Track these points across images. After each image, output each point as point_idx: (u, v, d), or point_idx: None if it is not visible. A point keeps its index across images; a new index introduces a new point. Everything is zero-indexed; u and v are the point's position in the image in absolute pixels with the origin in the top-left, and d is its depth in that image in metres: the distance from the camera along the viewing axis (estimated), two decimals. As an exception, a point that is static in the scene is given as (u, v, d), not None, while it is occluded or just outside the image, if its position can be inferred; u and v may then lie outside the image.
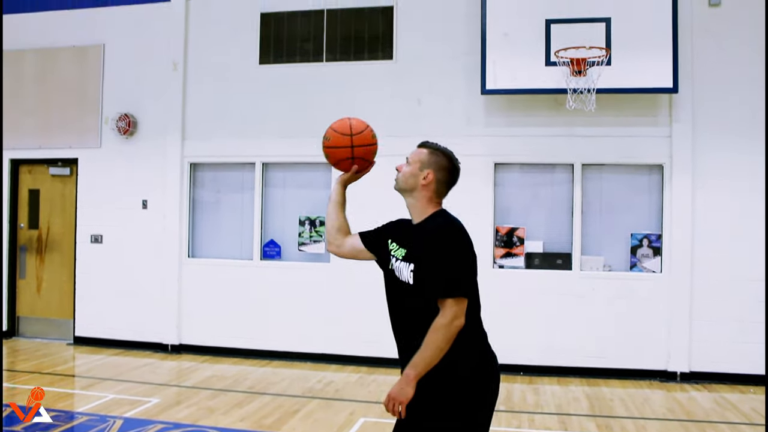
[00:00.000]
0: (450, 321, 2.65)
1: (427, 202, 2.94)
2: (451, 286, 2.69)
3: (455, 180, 3.00)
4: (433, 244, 2.76)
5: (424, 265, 2.77)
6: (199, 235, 8.66)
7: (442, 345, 2.65)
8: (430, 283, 2.73)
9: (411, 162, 2.99)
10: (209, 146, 8.51)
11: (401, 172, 3.00)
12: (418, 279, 2.80)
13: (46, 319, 9.32)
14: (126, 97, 8.82)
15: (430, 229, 2.85)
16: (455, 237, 2.79)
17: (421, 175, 2.93)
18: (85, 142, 9.00)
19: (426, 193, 2.93)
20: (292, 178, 8.38)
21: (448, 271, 2.70)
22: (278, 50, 8.37)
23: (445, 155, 2.97)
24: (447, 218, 2.89)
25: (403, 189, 3.00)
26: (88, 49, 9.05)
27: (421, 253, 2.81)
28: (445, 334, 2.65)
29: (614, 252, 7.60)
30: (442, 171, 2.94)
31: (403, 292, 2.91)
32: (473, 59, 7.69)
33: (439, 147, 2.99)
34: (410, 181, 2.96)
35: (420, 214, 2.95)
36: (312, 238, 8.21)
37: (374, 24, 8.12)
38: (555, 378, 7.45)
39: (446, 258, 2.72)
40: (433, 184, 2.92)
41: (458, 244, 2.78)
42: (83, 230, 8.99)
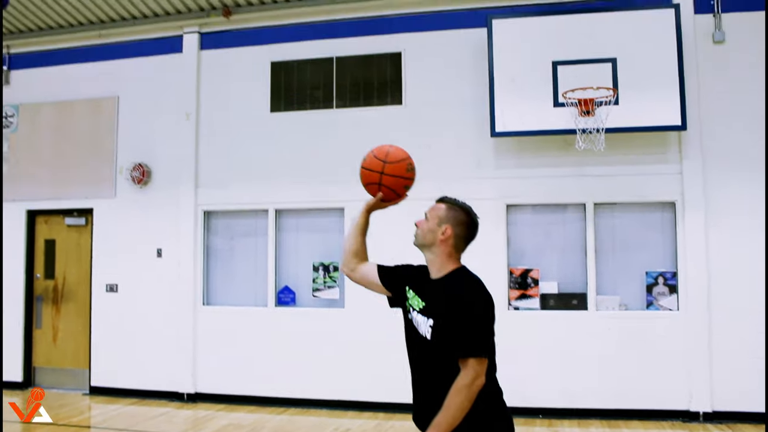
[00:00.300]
0: (471, 381, 2.67)
1: (446, 257, 2.96)
2: (474, 346, 2.70)
3: (474, 235, 3.02)
4: (456, 304, 2.78)
5: (446, 324, 2.78)
6: (214, 282, 8.69)
7: (465, 405, 2.66)
8: (452, 342, 2.74)
9: (429, 218, 3.01)
10: (222, 194, 8.59)
11: (420, 228, 3.03)
12: (437, 335, 2.82)
13: (63, 369, 9.32)
14: (140, 146, 8.95)
15: (452, 287, 2.86)
16: (478, 297, 2.81)
17: (439, 231, 2.95)
18: (100, 192, 9.11)
19: (445, 248, 2.95)
20: (305, 224, 8.42)
21: (471, 332, 2.71)
22: (289, 98, 8.49)
23: (464, 210, 3.00)
24: (469, 277, 2.91)
25: (422, 245, 3.02)
26: (103, 101, 9.22)
27: (443, 310, 2.82)
28: (467, 394, 2.66)
29: (630, 291, 7.56)
30: (461, 226, 2.96)
31: (421, 345, 2.93)
32: (481, 102, 7.77)
33: (457, 202, 3.02)
34: (429, 236, 2.98)
35: (439, 269, 2.97)
36: (326, 284, 8.22)
37: (383, 70, 8.24)
38: (575, 420, 7.36)
39: (469, 318, 2.73)
40: (451, 239, 2.94)
41: (481, 305, 2.79)
42: (99, 279, 9.05)
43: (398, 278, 3.16)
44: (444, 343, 2.77)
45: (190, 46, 8.84)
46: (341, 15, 8.37)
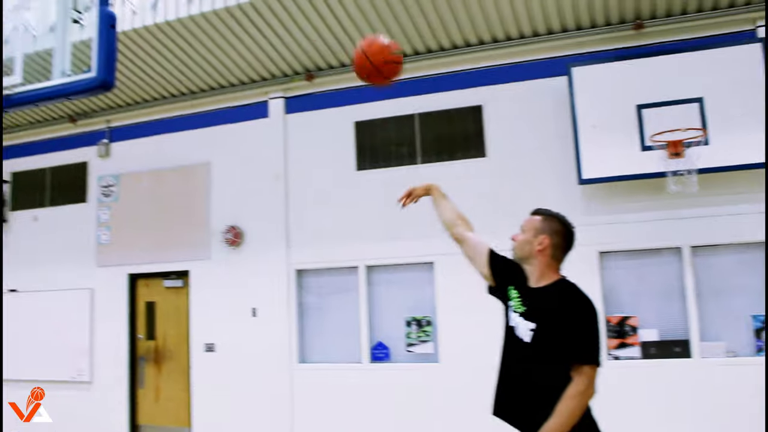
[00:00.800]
0: (586, 389, 2.72)
1: (545, 267, 3.03)
2: (590, 354, 2.78)
3: (571, 244, 3.06)
4: (570, 312, 2.85)
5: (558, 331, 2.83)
6: (308, 339, 8.84)
7: (577, 413, 2.70)
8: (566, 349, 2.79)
9: (525, 230, 3.08)
10: (313, 252, 8.79)
11: (516, 241, 3.10)
12: (540, 340, 2.88)
13: (165, 428, 9.61)
14: (232, 209, 9.30)
15: (562, 297, 2.93)
16: (590, 306, 2.90)
17: (536, 242, 3.03)
18: (195, 255, 9.48)
19: (543, 258, 3.03)
20: (396, 279, 8.49)
21: (588, 340, 2.80)
22: (374, 156, 8.68)
23: (559, 220, 3.08)
24: (577, 287, 2.99)
25: (520, 257, 3.11)
26: (196, 168, 9.65)
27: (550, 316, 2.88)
28: (580, 401, 2.71)
29: (736, 336, 7.25)
30: (557, 235, 3.03)
31: (518, 348, 2.99)
32: (566, 150, 7.75)
33: (551, 212, 3.12)
34: (526, 248, 3.06)
35: (539, 278, 3.04)
36: (420, 338, 8.23)
37: (464, 124, 8.34)
38: (684, 473, 7.05)
39: (585, 327, 2.82)
40: (549, 249, 3.01)
41: (594, 315, 2.89)
42: (197, 339, 9.36)
43: (505, 274, 3.23)
44: (553, 349, 2.82)
45: (276, 110, 9.20)
46: (421, 72, 8.55)
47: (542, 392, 2.80)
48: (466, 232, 3.45)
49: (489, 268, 3.29)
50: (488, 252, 3.33)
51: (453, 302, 8.02)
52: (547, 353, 2.84)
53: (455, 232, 3.48)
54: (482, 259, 3.33)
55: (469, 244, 3.41)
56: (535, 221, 3.10)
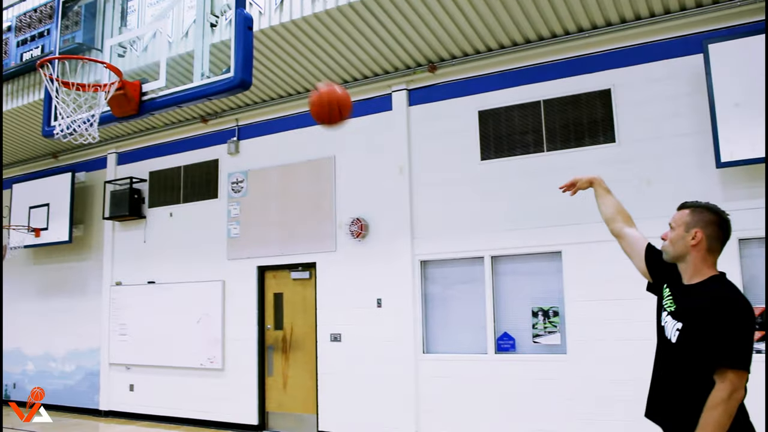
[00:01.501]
0: (729, 394, 2.54)
1: (701, 262, 2.86)
2: (735, 357, 2.59)
3: (728, 233, 2.91)
4: (717, 311, 2.67)
5: (704, 332, 2.68)
6: (433, 329, 8.85)
7: (724, 421, 2.55)
8: (710, 352, 2.63)
9: (675, 226, 2.95)
10: (437, 243, 8.80)
11: (667, 240, 2.96)
12: (685, 340, 2.74)
13: (293, 414, 9.91)
14: (357, 202, 9.46)
15: (712, 295, 2.75)
16: (741, 307, 2.69)
17: (689, 237, 2.88)
18: (322, 247, 9.72)
19: (698, 253, 2.86)
20: (522, 269, 8.35)
21: (733, 342, 2.60)
22: (498, 145, 8.59)
23: (710, 210, 2.93)
24: (730, 285, 2.81)
25: (675, 256, 2.95)
26: (321, 162, 9.90)
27: (698, 316, 2.72)
28: (725, 409, 2.54)
29: None
30: (711, 226, 2.87)
31: (666, 348, 2.86)
32: (702, 133, 7.37)
33: (700, 204, 2.97)
34: (679, 245, 2.91)
35: (693, 275, 2.88)
36: (546, 329, 8.06)
37: (592, 109, 8.09)
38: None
39: (731, 328, 2.62)
40: (704, 242, 2.85)
41: (743, 315, 2.67)
42: (323, 329, 9.58)
43: (662, 271, 3.09)
44: (698, 351, 2.67)
45: (399, 102, 9.28)
46: (546, 58, 8.38)
47: (688, 398, 2.67)
48: (625, 228, 3.37)
49: (646, 265, 3.18)
50: (646, 248, 3.23)
51: (581, 292, 7.80)
52: (692, 355, 2.70)
53: (614, 228, 3.41)
54: (640, 255, 3.24)
55: (627, 240, 3.32)
56: (684, 215, 2.95)
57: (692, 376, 2.65)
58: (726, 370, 2.57)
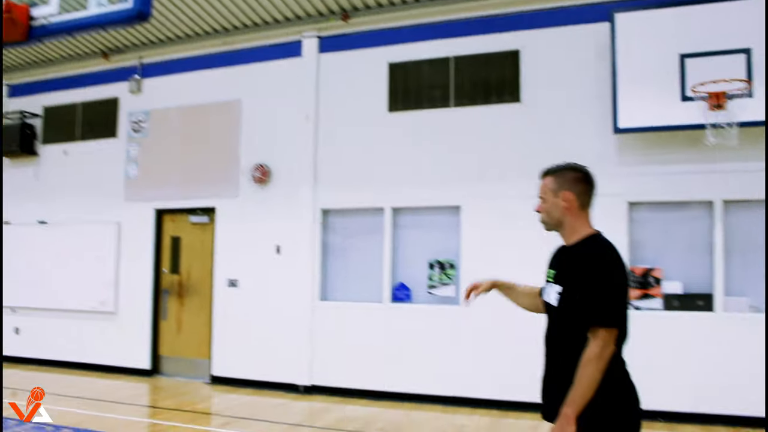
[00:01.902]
0: (600, 351, 2.58)
1: (576, 221, 2.88)
2: (605, 315, 2.62)
3: (592, 185, 2.93)
4: (585, 270, 2.70)
5: (576, 291, 2.71)
6: (331, 278, 8.88)
7: (596, 377, 2.58)
8: (581, 310, 2.66)
9: (544, 196, 2.93)
10: (340, 193, 8.78)
11: (542, 211, 2.96)
12: (564, 302, 2.76)
13: (186, 359, 9.76)
14: (261, 148, 9.29)
15: (583, 253, 2.78)
16: (610, 264, 2.71)
17: (559, 200, 2.88)
18: (223, 192, 9.52)
19: (572, 213, 2.88)
20: (422, 222, 8.47)
21: (602, 300, 2.63)
22: (407, 98, 8.60)
23: (571, 168, 2.93)
24: (602, 243, 2.81)
25: (554, 225, 2.95)
26: (227, 105, 9.64)
27: (572, 276, 2.76)
28: (597, 365, 2.58)
29: (761, 292, 7.13)
30: (577, 184, 2.88)
31: (549, 313, 2.88)
32: (603, 99, 7.61)
33: (560, 166, 2.95)
34: (554, 213, 2.92)
35: (571, 235, 2.89)
36: (442, 281, 8.22)
37: (501, 69, 8.20)
38: (698, 426, 7.01)
39: (601, 286, 2.65)
40: (575, 201, 2.87)
41: (612, 272, 2.69)
42: (220, 275, 9.44)
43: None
44: (573, 311, 2.70)
45: (310, 50, 9.12)
46: (458, 14, 8.41)
47: (568, 358, 2.69)
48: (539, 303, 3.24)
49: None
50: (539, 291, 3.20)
51: (477, 247, 7.98)
52: (571, 315, 2.72)
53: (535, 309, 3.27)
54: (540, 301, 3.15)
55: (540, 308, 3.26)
56: (549, 182, 2.92)
57: (572, 336, 2.68)
58: (597, 328, 2.60)
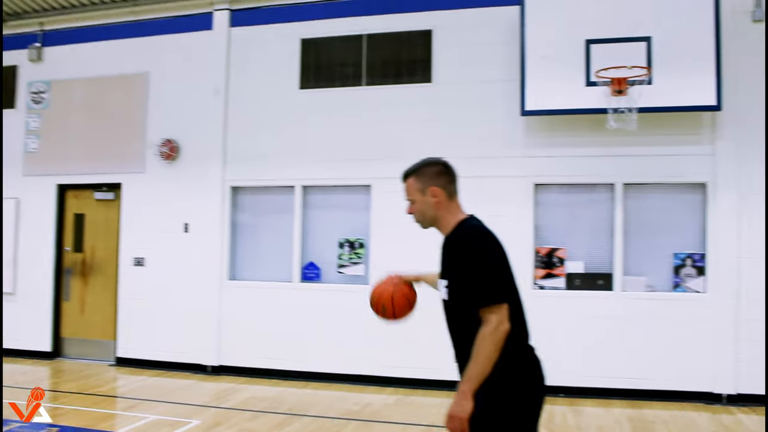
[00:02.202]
0: (494, 328, 2.60)
1: (448, 214, 2.90)
2: (488, 294, 2.64)
3: (452, 172, 2.95)
4: (460, 257, 2.74)
5: (458, 279, 2.74)
6: (240, 257, 8.75)
7: (491, 354, 2.61)
8: (467, 296, 2.69)
9: (412, 198, 2.94)
10: (250, 170, 8.64)
11: (415, 213, 2.96)
12: (453, 293, 2.78)
13: (90, 341, 9.46)
14: (169, 122, 9.01)
15: (454, 242, 2.82)
16: (480, 244, 2.74)
17: (429, 198, 2.89)
18: (129, 168, 9.20)
19: (442, 207, 2.89)
20: (332, 201, 8.44)
21: (482, 281, 2.66)
22: (318, 75, 8.50)
23: (426, 164, 2.94)
24: (470, 226, 2.84)
25: (430, 222, 2.95)
26: (134, 78, 9.29)
27: (451, 267, 2.78)
28: (491, 341, 2.60)
29: (657, 272, 7.48)
30: (438, 177, 2.90)
31: (445, 308, 2.89)
32: (512, 81, 7.72)
33: (417, 164, 2.95)
34: (427, 211, 2.92)
35: (445, 228, 2.91)
36: (351, 260, 8.23)
37: (413, 48, 8.21)
38: (597, 400, 7.30)
39: (475, 268, 2.68)
40: (442, 194, 2.88)
41: (484, 251, 2.72)
42: (126, 253, 9.15)
43: None
44: (462, 300, 2.72)
45: (221, 23, 8.88)
46: (372, -8, 8.36)
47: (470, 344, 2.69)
48: None
49: None
50: None
51: (387, 226, 8.01)
52: (461, 305, 2.75)
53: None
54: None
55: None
56: (413, 183, 2.93)
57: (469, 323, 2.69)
58: (484, 309, 2.63)
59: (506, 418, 2.68)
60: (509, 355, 2.68)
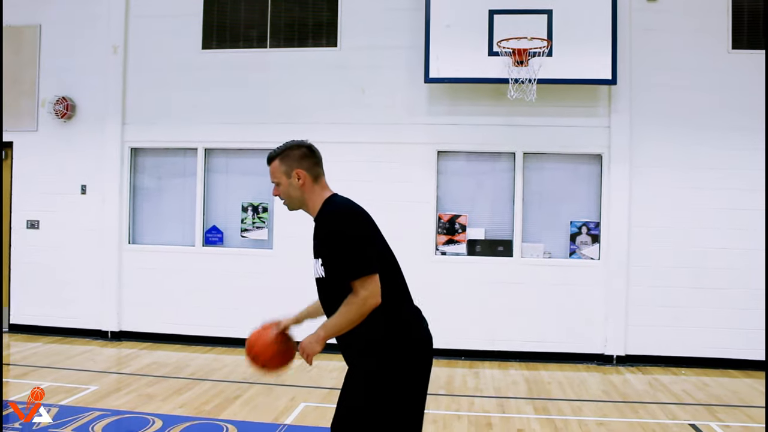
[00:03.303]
0: (363, 300, 2.66)
1: (314, 195, 2.92)
2: (352, 268, 2.69)
3: (318, 156, 2.97)
4: (325, 235, 2.78)
5: (327, 256, 2.79)
6: (141, 221, 8.52)
7: (353, 317, 2.68)
8: (338, 272, 2.74)
9: (278, 181, 2.94)
10: (151, 131, 8.37)
11: (282, 195, 2.97)
12: (328, 270, 2.82)
13: (-21, 308, 9.06)
14: (64, 79, 8.58)
15: (319, 222, 2.87)
16: (340, 219, 2.80)
17: (294, 180, 2.90)
18: (20, 126, 8.73)
19: (309, 189, 2.91)
20: (235, 165, 8.31)
21: (349, 254, 2.70)
22: (221, 36, 8.27)
23: (293, 147, 2.94)
24: (334, 202, 2.89)
25: (299, 205, 2.97)
26: (24, 30, 8.76)
27: (321, 245, 2.83)
28: (356, 310, 2.67)
29: (554, 239, 7.77)
30: (302, 159, 2.91)
31: (322, 286, 2.93)
32: (417, 49, 7.73)
33: (282, 147, 2.95)
34: (293, 193, 2.92)
35: (314, 209, 2.93)
36: (255, 225, 8.16)
37: (319, 11, 8.09)
38: (495, 363, 7.60)
39: (338, 243, 2.73)
40: (307, 177, 2.90)
41: (345, 225, 2.77)
42: (18, 216, 8.75)
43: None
44: (335, 275, 2.77)
45: (120, -25, 8.47)
46: (278, -49, 8.15)
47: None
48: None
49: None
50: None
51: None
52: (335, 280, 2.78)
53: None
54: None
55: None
56: (277, 166, 2.91)
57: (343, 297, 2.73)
58: (353, 282, 2.68)
59: (395, 383, 2.75)
60: (390, 322, 2.77)
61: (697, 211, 7.50)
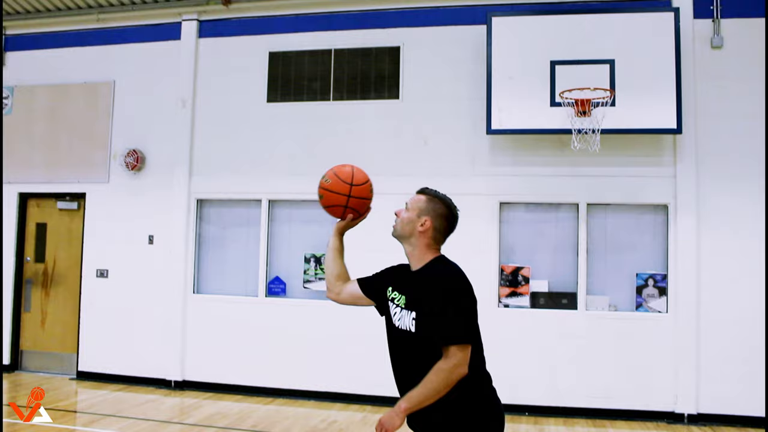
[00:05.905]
0: (453, 367, 2.65)
1: (425, 248, 2.94)
2: (454, 333, 2.68)
3: (453, 227, 2.99)
4: (433, 292, 2.76)
5: (426, 313, 2.77)
6: (205, 270, 8.68)
7: (441, 388, 2.65)
8: (432, 331, 2.72)
9: (410, 208, 2.98)
10: (216, 182, 8.58)
11: (399, 218, 3.00)
12: (420, 327, 2.80)
13: (50, 353, 9.30)
14: (135, 132, 8.92)
15: (429, 276, 2.85)
16: (455, 283, 2.79)
17: (418, 222, 2.92)
18: (93, 177, 9.08)
19: (423, 239, 2.93)
20: (298, 215, 8.41)
21: (450, 318, 2.69)
22: (286, 89, 8.48)
23: (444, 203, 2.96)
24: (446, 265, 2.89)
25: (401, 236, 2.99)
26: (99, 86, 9.17)
27: (422, 301, 2.81)
28: (445, 378, 2.65)
29: (620, 292, 7.58)
30: (440, 218, 2.93)
31: (406, 340, 2.90)
32: (479, 100, 7.78)
33: (438, 194, 2.98)
34: (407, 227, 2.96)
35: (418, 260, 2.95)
36: (317, 275, 8.22)
37: (381, 64, 8.23)
38: (561, 419, 7.39)
39: (447, 305, 2.71)
40: (430, 231, 2.92)
41: (458, 291, 2.77)
42: (89, 264, 9.02)
43: (379, 283, 3.13)
44: (427, 334, 2.75)
45: (189, 33, 8.81)
46: (340, 7, 8.36)
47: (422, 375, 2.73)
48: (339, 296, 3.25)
49: (364, 294, 3.17)
50: (357, 282, 3.21)
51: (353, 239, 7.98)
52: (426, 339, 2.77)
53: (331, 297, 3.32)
54: (358, 292, 3.18)
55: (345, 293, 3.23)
56: (421, 201, 2.97)
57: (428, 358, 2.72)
58: (449, 346, 2.67)
59: None
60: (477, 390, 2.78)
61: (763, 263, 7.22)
